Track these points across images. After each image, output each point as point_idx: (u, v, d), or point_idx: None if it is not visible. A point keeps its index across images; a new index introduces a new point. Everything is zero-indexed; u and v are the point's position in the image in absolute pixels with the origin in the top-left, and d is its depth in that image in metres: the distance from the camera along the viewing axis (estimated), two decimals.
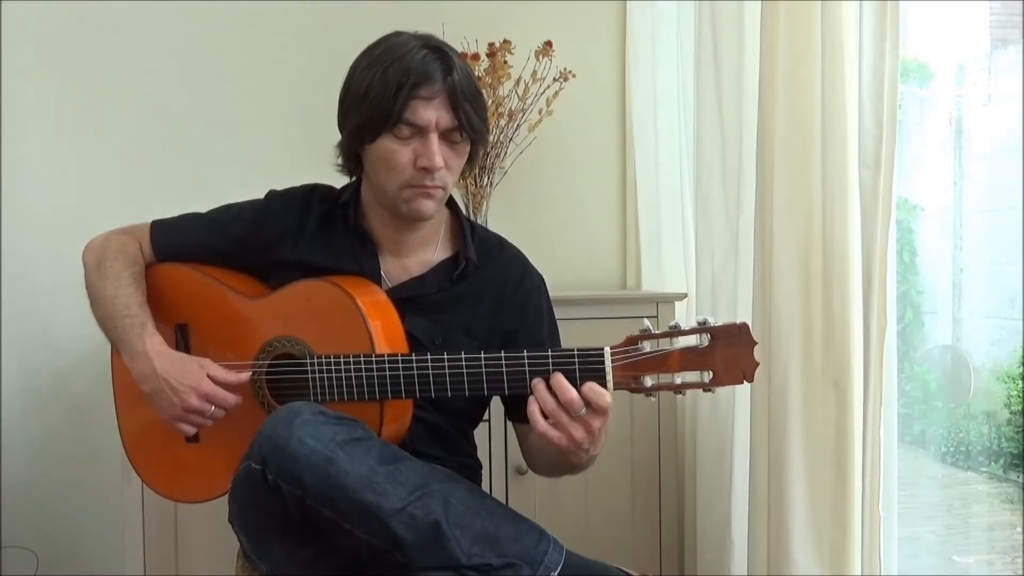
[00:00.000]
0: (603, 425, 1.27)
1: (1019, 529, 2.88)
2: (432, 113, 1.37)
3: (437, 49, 1.39)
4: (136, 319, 1.44)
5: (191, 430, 1.42)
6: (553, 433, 1.25)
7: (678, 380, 1.26)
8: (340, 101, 1.45)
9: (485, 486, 1.71)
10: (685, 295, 2.23)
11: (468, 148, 1.44)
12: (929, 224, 3.01)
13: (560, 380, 1.25)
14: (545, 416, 1.25)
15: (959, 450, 3.03)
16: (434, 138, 1.38)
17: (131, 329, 1.43)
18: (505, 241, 1.58)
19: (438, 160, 1.38)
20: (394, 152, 1.38)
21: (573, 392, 1.23)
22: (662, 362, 1.25)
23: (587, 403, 1.24)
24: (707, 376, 1.24)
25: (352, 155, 1.47)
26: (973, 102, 2.98)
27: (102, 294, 1.48)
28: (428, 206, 1.42)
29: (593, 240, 2.58)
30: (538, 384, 1.26)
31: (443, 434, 1.49)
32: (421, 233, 1.50)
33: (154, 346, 1.42)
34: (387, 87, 1.36)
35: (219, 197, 1.60)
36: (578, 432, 1.24)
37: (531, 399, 1.26)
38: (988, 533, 3.00)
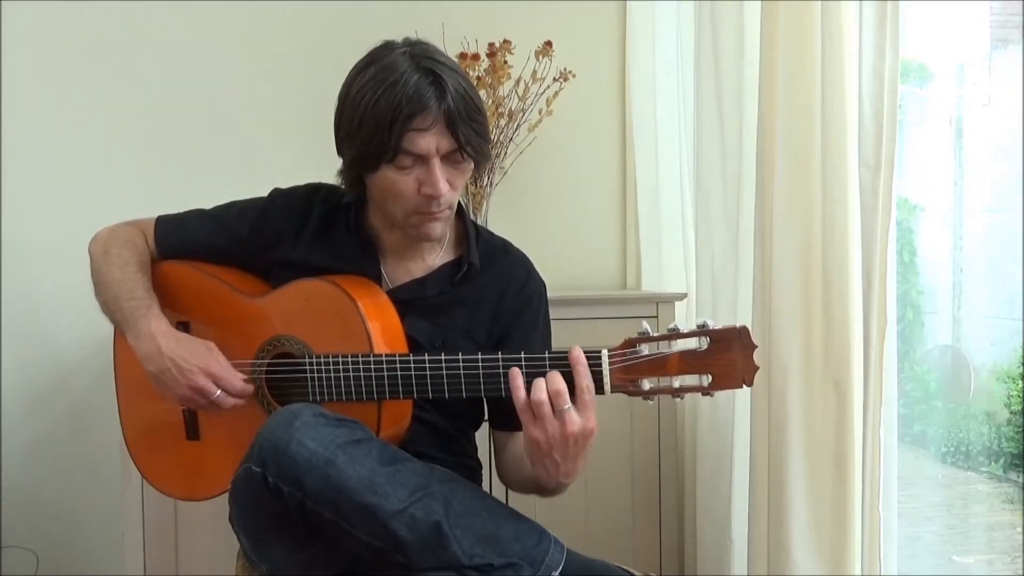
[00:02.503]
0: (580, 439, 1.24)
1: (1019, 529, 2.89)
2: (431, 141, 1.33)
3: (429, 71, 1.33)
4: (142, 301, 1.45)
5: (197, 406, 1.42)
6: (529, 416, 1.24)
7: (676, 384, 1.25)
8: (335, 124, 1.41)
9: (485, 486, 1.71)
10: (685, 295, 2.23)
11: (472, 164, 1.40)
12: (929, 224, 3.01)
13: (554, 372, 1.25)
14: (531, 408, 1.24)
15: (959, 450, 3.04)
16: (436, 164, 1.34)
17: (137, 310, 1.44)
18: (510, 245, 1.57)
19: (442, 186, 1.35)
20: (396, 182, 1.36)
21: (563, 385, 1.23)
22: (660, 365, 1.24)
23: (572, 386, 1.23)
24: (706, 380, 1.24)
25: (355, 182, 1.44)
26: (973, 102, 2.98)
27: (108, 278, 1.48)
28: (436, 229, 1.41)
29: (593, 240, 2.58)
30: (516, 376, 1.26)
31: (444, 435, 1.49)
32: None
33: (160, 327, 1.42)
34: (380, 121, 1.31)
35: (220, 196, 1.59)
36: (552, 427, 1.23)
37: (515, 372, 1.26)
38: (988, 533, 3.00)
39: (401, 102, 1.30)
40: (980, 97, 2.98)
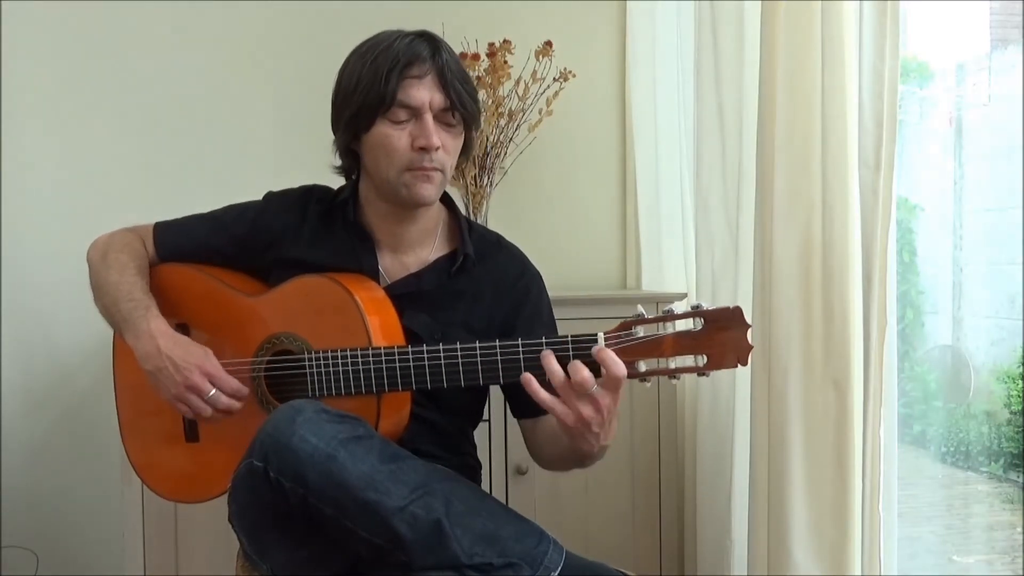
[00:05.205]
0: (613, 406, 1.25)
1: (1019, 529, 2.89)
2: (425, 93, 1.39)
3: (423, 34, 1.43)
4: (140, 302, 1.46)
5: (189, 412, 1.41)
6: (560, 408, 1.24)
7: (672, 365, 1.25)
8: (332, 101, 1.47)
9: (485, 486, 1.71)
10: (685, 295, 2.23)
11: (463, 132, 1.46)
12: (929, 224, 3.01)
13: (576, 363, 1.24)
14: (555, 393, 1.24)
15: (959, 450, 3.04)
16: (429, 118, 1.40)
17: (135, 311, 1.45)
18: (503, 239, 1.59)
19: (435, 139, 1.40)
20: (390, 136, 1.40)
21: (585, 372, 1.23)
22: (656, 346, 1.24)
23: (597, 373, 1.23)
24: (701, 360, 1.24)
25: (349, 151, 1.48)
26: (973, 102, 2.98)
27: (106, 281, 1.49)
28: (428, 190, 1.43)
29: (593, 240, 2.58)
30: (547, 357, 1.25)
31: (443, 433, 1.49)
32: (419, 227, 1.50)
33: (159, 327, 1.43)
34: (378, 73, 1.39)
35: (219, 197, 1.60)
36: (587, 409, 1.23)
37: (526, 376, 1.25)
38: (988, 533, 3.00)
39: (398, 54, 1.39)
40: (980, 97, 2.98)
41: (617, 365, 1.22)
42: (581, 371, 1.23)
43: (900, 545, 1.76)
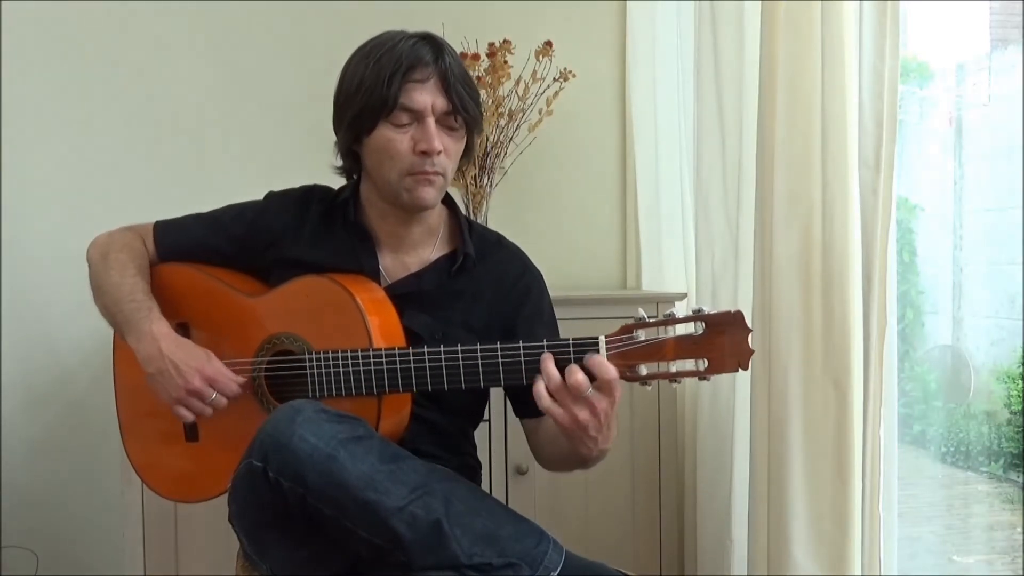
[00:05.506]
0: (610, 410, 1.25)
1: (1019, 529, 2.89)
2: (427, 97, 1.39)
3: (426, 36, 1.43)
4: (142, 303, 1.46)
5: (189, 416, 1.42)
6: (557, 411, 1.24)
7: (673, 368, 1.26)
8: (335, 101, 1.46)
9: (485, 486, 1.71)
10: (685, 295, 2.23)
11: (465, 135, 1.45)
12: (929, 224, 3.01)
13: (572, 366, 1.24)
14: (552, 396, 1.24)
15: (959, 450, 3.04)
16: (431, 122, 1.40)
17: (137, 312, 1.45)
18: (504, 239, 1.59)
19: (436, 143, 1.39)
20: (392, 140, 1.40)
21: (580, 375, 1.23)
22: (657, 350, 1.24)
23: (592, 377, 1.23)
24: (702, 364, 1.24)
25: (350, 152, 1.47)
26: (973, 102, 2.98)
27: (107, 281, 1.49)
28: (429, 194, 1.43)
29: (593, 240, 2.58)
30: (546, 360, 1.25)
31: (443, 433, 1.49)
32: (420, 228, 1.51)
33: (161, 329, 1.43)
34: (380, 75, 1.38)
35: (219, 197, 1.60)
36: (583, 413, 1.24)
37: (537, 377, 1.26)
38: (988, 533, 3.00)
39: (401, 57, 1.38)
40: (980, 97, 2.98)
41: (604, 367, 1.23)
42: (575, 374, 1.23)
43: (900, 545, 1.76)
